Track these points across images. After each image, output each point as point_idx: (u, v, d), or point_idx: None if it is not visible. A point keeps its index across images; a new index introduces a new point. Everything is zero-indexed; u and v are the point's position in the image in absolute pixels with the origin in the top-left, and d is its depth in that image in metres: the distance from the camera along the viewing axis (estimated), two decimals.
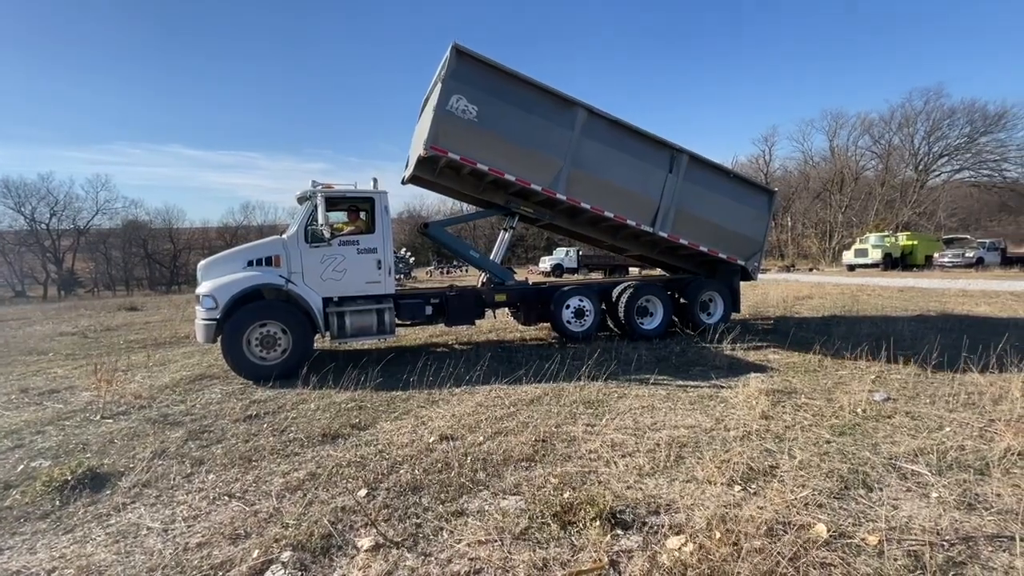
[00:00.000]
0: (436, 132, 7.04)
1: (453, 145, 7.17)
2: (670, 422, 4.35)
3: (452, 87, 6.97)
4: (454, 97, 6.98)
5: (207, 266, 6.80)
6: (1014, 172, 45.05)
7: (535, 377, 5.90)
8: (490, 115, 7.19)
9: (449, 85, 6.95)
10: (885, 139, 49.34)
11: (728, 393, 5.20)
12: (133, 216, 55.44)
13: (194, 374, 6.91)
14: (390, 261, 7.20)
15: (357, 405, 5.18)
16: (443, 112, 6.97)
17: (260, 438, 4.27)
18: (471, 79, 7.07)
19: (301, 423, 4.64)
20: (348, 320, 6.95)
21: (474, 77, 7.10)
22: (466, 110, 7.04)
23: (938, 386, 5.15)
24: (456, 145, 7.18)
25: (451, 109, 6.99)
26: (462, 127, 7.09)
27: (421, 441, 4.07)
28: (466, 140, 7.20)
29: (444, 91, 6.92)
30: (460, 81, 6.99)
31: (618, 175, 8.07)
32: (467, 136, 7.17)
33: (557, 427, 4.29)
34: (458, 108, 7.00)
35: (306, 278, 6.81)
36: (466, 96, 7.02)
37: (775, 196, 9.79)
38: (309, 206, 6.89)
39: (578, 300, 8.29)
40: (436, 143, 7.08)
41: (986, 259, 26.85)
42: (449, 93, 6.96)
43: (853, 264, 29.79)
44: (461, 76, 7.01)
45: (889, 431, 3.96)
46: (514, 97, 7.36)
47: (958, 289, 15.50)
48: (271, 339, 6.53)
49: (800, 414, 4.45)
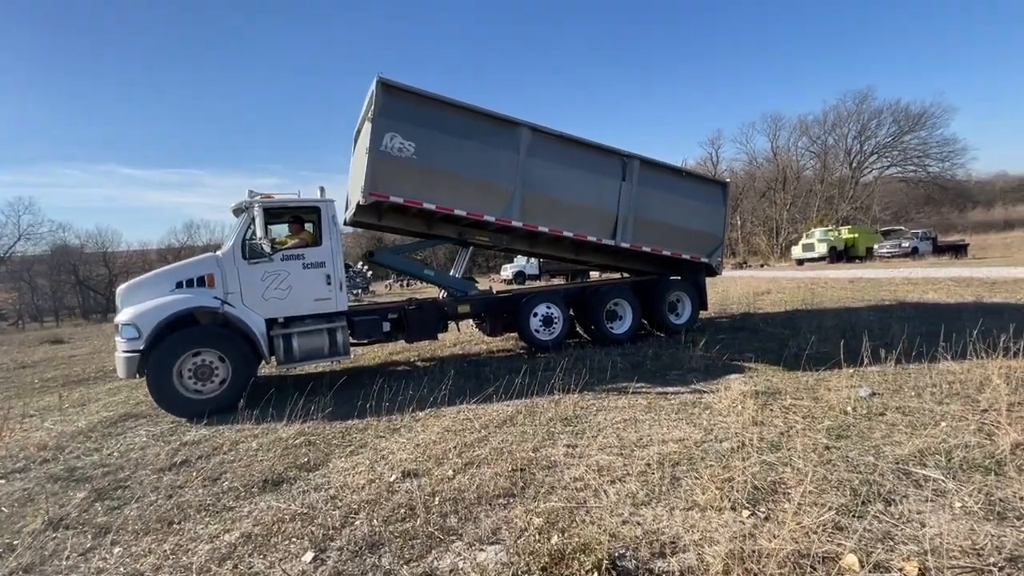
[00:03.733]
0: (373, 176, 6.39)
1: (394, 188, 6.55)
2: (657, 436, 3.99)
3: (383, 125, 6.34)
4: (387, 136, 6.35)
5: (128, 290, 5.98)
6: (935, 167, 48.62)
7: (505, 393, 5.44)
8: (429, 150, 6.60)
9: (380, 124, 6.32)
10: (821, 139, 52.20)
11: (711, 398, 4.91)
12: (62, 240, 51.32)
13: (117, 414, 6.06)
14: (341, 275, 6.58)
15: (306, 440, 4.55)
16: (378, 154, 6.33)
17: (187, 491, 3.60)
18: (403, 114, 6.46)
19: (239, 468, 3.98)
20: (296, 342, 6.27)
21: (406, 111, 6.49)
22: (402, 148, 6.43)
23: (917, 377, 5.04)
24: (397, 187, 6.56)
25: (386, 149, 6.36)
26: (401, 167, 6.48)
27: (380, 481, 3.52)
28: (407, 180, 6.59)
29: (376, 131, 6.30)
30: (391, 118, 6.38)
31: (572, 191, 7.70)
32: (408, 176, 6.57)
33: (535, 451, 3.84)
34: (393, 147, 6.38)
35: (245, 298, 6.10)
36: (400, 133, 6.40)
37: (728, 187, 9.78)
38: (246, 218, 6.19)
39: (545, 307, 7.90)
40: (375, 189, 6.44)
41: (920, 248, 28.54)
42: (381, 132, 6.32)
43: (802, 259, 31.01)
44: (392, 112, 6.39)
45: (886, 430, 3.73)
46: (452, 126, 6.79)
47: (902, 278, 16.15)
48: (207, 369, 5.78)
49: (791, 417, 4.18)
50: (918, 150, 48.75)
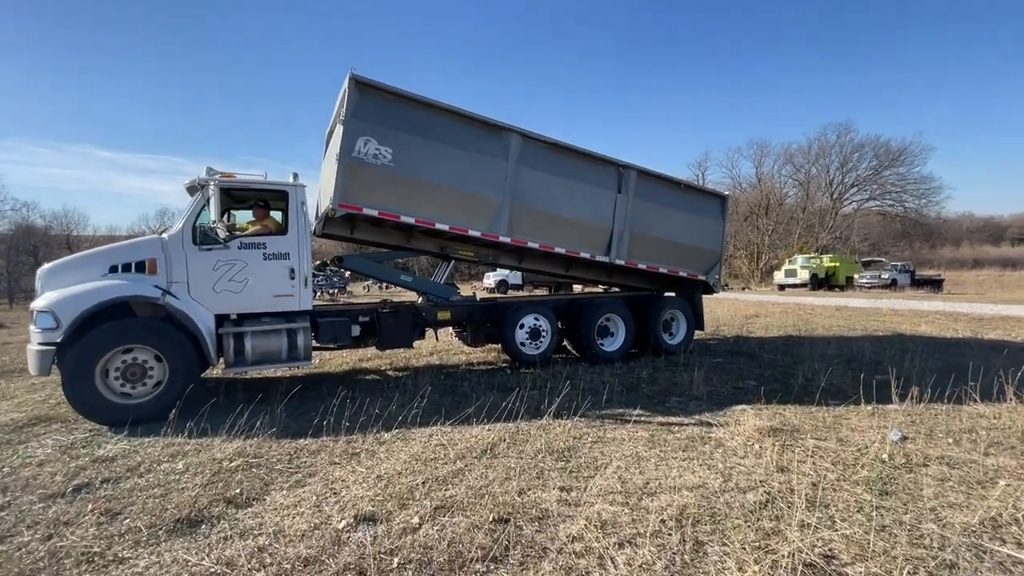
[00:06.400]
0: (345, 186, 5.66)
1: (367, 198, 5.82)
2: (667, 481, 3.35)
3: (357, 128, 5.60)
4: (361, 140, 5.61)
5: (51, 272, 5.11)
6: (912, 203, 49.90)
7: (486, 415, 4.75)
8: (408, 157, 5.88)
9: (353, 127, 5.59)
10: (805, 168, 53.13)
11: (721, 433, 4.30)
12: (24, 220, 48.69)
13: (28, 417, 5.16)
14: (306, 270, 5.81)
15: (245, 463, 3.77)
16: (350, 160, 5.60)
17: (73, 530, 2.80)
18: (379, 116, 5.74)
19: (150, 499, 3.19)
20: (249, 343, 5.47)
21: (383, 113, 5.77)
22: (378, 154, 5.70)
23: (946, 420, 4.53)
24: (371, 198, 5.83)
25: (360, 155, 5.63)
26: (376, 175, 5.76)
27: (327, 527, 2.79)
28: (383, 190, 5.86)
29: (348, 134, 5.57)
30: (366, 120, 5.65)
31: (565, 204, 7.06)
32: (383, 185, 5.84)
33: (521, 495, 3.15)
34: (368, 153, 5.66)
35: (193, 289, 5.29)
36: (375, 137, 5.68)
37: (727, 200, 9.32)
38: (200, 198, 5.41)
39: (533, 319, 7.24)
40: (346, 199, 5.70)
41: (899, 280, 28.85)
42: (354, 136, 5.59)
43: (783, 284, 31.10)
44: (366, 114, 5.66)
45: (937, 488, 3.16)
46: (434, 131, 6.08)
47: (888, 308, 16.02)
48: (138, 369, 4.94)
49: (819, 463, 3.59)
50: (896, 185, 49.98)
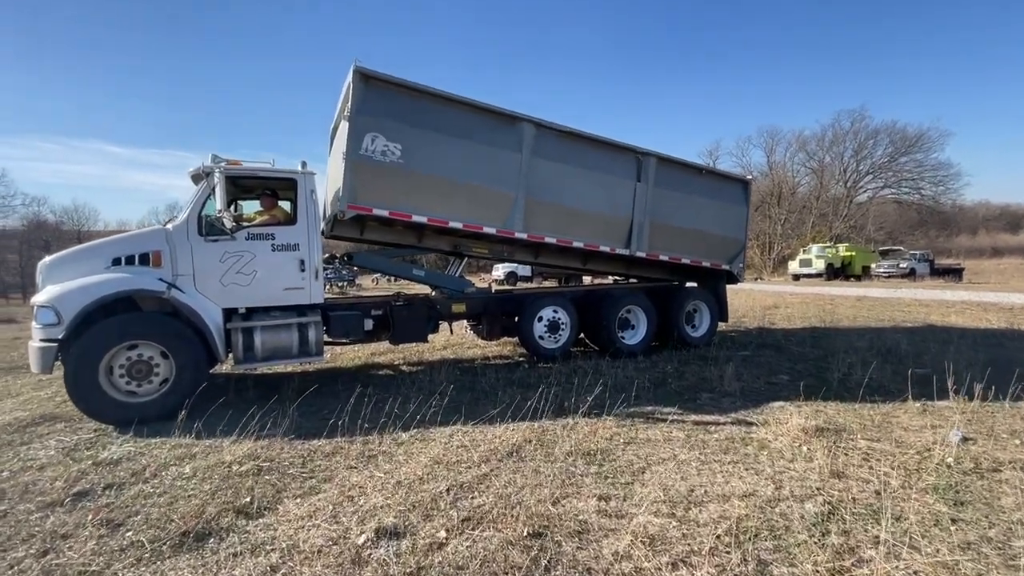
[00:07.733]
0: (353, 186, 5.39)
1: (377, 198, 5.55)
2: (713, 488, 3.06)
3: (363, 124, 5.32)
4: (368, 137, 5.34)
5: (52, 265, 4.89)
6: (929, 191, 48.70)
7: (509, 413, 4.48)
8: (418, 152, 5.60)
9: (359, 123, 5.31)
10: (818, 156, 52.04)
11: (763, 433, 4.00)
12: (36, 215, 49.17)
13: (34, 415, 4.97)
14: (317, 261, 5.56)
15: (256, 467, 3.54)
16: (357, 158, 5.32)
17: (71, 544, 2.58)
18: (387, 110, 5.45)
19: (155, 508, 2.96)
20: (258, 338, 5.23)
21: (390, 107, 5.48)
22: (387, 151, 5.43)
23: (1008, 420, 4.20)
24: (381, 197, 5.57)
25: (367, 153, 5.35)
26: (385, 173, 5.49)
27: (345, 541, 2.54)
28: (393, 189, 5.60)
29: (354, 131, 5.30)
30: (372, 115, 5.36)
31: (582, 195, 6.75)
32: (393, 183, 5.58)
33: (556, 504, 2.89)
34: (376, 150, 5.38)
35: (199, 283, 5.05)
36: (384, 133, 5.40)
37: (750, 185, 8.99)
38: (205, 187, 5.15)
39: (552, 311, 6.95)
40: (355, 201, 5.44)
41: (918, 270, 28.18)
42: (361, 133, 5.32)
43: (798, 274, 30.52)
44: (373, 108, 5.38)
45: (1016, 497, 2.85)
46: (445, 124, 5.78)
47: (911, 298, 15.52)
48: (144, 366, 4.73)
49: (877, 467, 3.29)
50: (913, 172, 48.77)
